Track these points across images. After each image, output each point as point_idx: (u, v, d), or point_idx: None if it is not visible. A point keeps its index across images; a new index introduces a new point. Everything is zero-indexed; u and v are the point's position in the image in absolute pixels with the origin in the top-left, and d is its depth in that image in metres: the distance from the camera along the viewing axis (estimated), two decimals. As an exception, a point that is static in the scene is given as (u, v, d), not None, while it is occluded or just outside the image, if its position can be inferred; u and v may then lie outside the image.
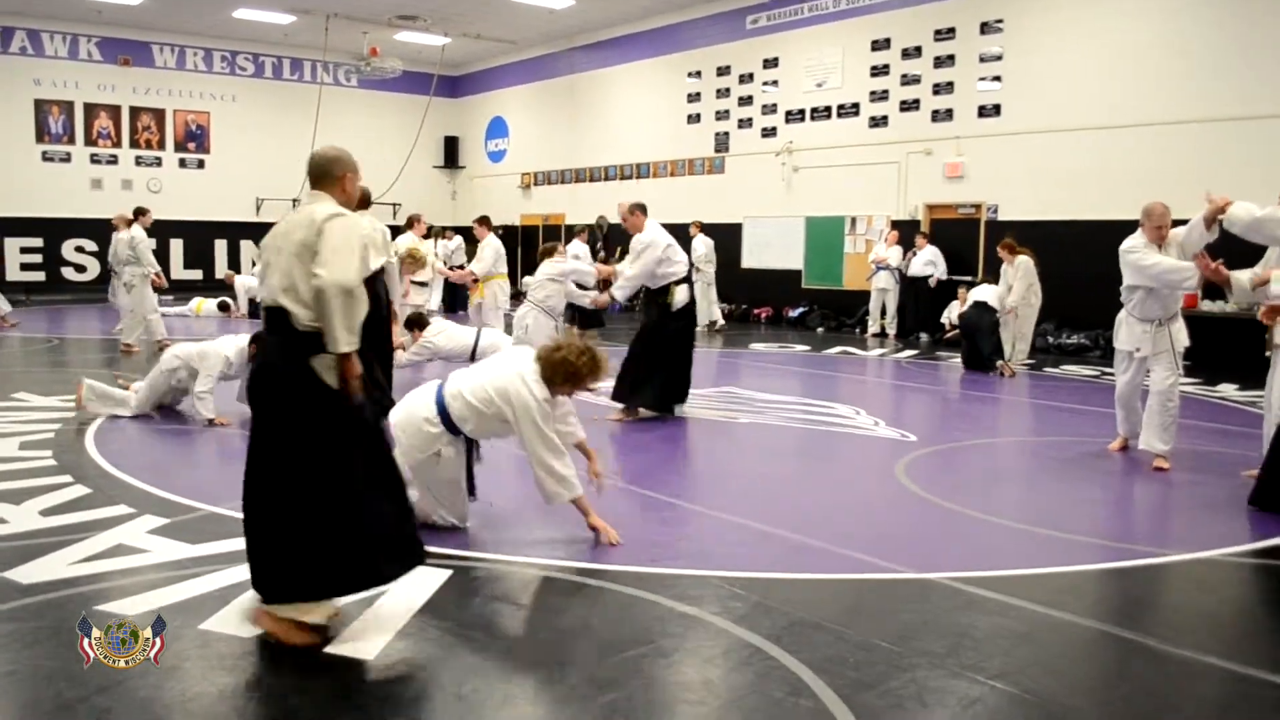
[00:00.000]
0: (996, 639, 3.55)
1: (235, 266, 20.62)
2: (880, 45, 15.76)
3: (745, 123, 18.03)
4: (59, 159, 20.96)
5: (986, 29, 14.37)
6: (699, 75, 18.84)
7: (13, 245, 20.48)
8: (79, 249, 20.84)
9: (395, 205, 21.82)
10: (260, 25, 20.70)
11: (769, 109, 17.60)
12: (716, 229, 17.73)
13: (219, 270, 21.34)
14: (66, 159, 20.99)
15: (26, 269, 20.61)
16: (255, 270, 19.64)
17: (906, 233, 15.15)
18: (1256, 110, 11.65)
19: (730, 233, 17.93)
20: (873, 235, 15.89)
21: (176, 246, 21.66)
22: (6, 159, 20.21)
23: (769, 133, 17.57)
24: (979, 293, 11.77)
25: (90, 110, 21.21)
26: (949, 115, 14.88)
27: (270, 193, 22.42)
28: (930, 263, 14.63)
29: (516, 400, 4.45)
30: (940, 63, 14.96)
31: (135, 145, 21.70)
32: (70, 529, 4.66)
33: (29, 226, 20.47)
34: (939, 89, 15.00)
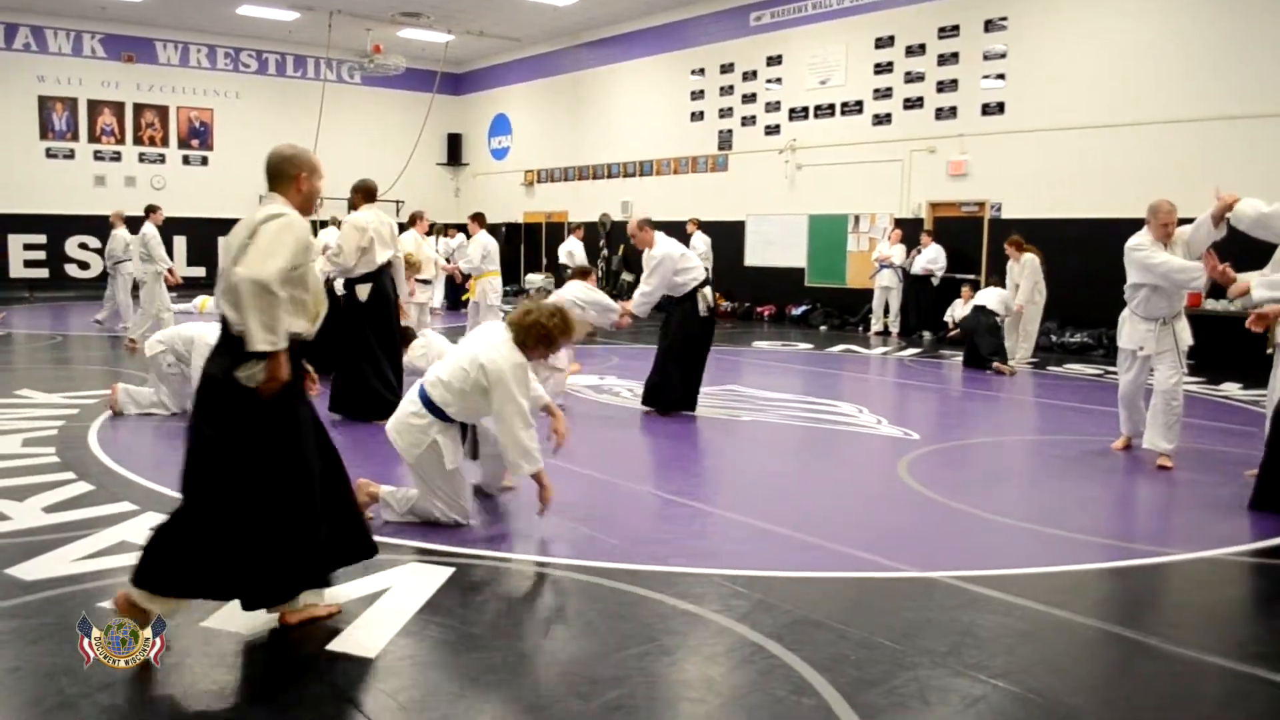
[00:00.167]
0: (999, 638, 3.55)
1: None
2: (884, 43, 15.73)
3: (748, 120, 18.01)
4: (63, 156, 20.98)
5: (990, 26, 14.35)
6: (702, 72, 18.82)
7: (16, 242, 20.51)
8: (82, 246, 20.87)
9: (398, 202, 21.81)
10: (264, 22, 20.70)
11: (772, 106, 17.58)
12: (719, 227, 17.74)
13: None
14: (70, 156, 21.01)
15: (30, 265, 20.65)
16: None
17: (910, 231, 15.14)
18: (1260, 108, 11.62)
19: (733, 230, 17.92)
20: (876, 233, 15.87)
21: (180, 243, 21.65)
22: (10, 155, 20.24)
23: (772, 130, 17.55)
24: (984, 296, 11.77)
25: (94, 107, 21.23)
26: (952, 113, 14.85)
27: (273, 190, 22.40)
28: (930, 261, 14.63)
29: (490, 366, 4.48)
30: (944, 60, 14.94)
31: (139, 142, 21.72)
32: (73, 526, 4.66)
33: (32, 223, 20.51)
34: (943, 87, 14.97)
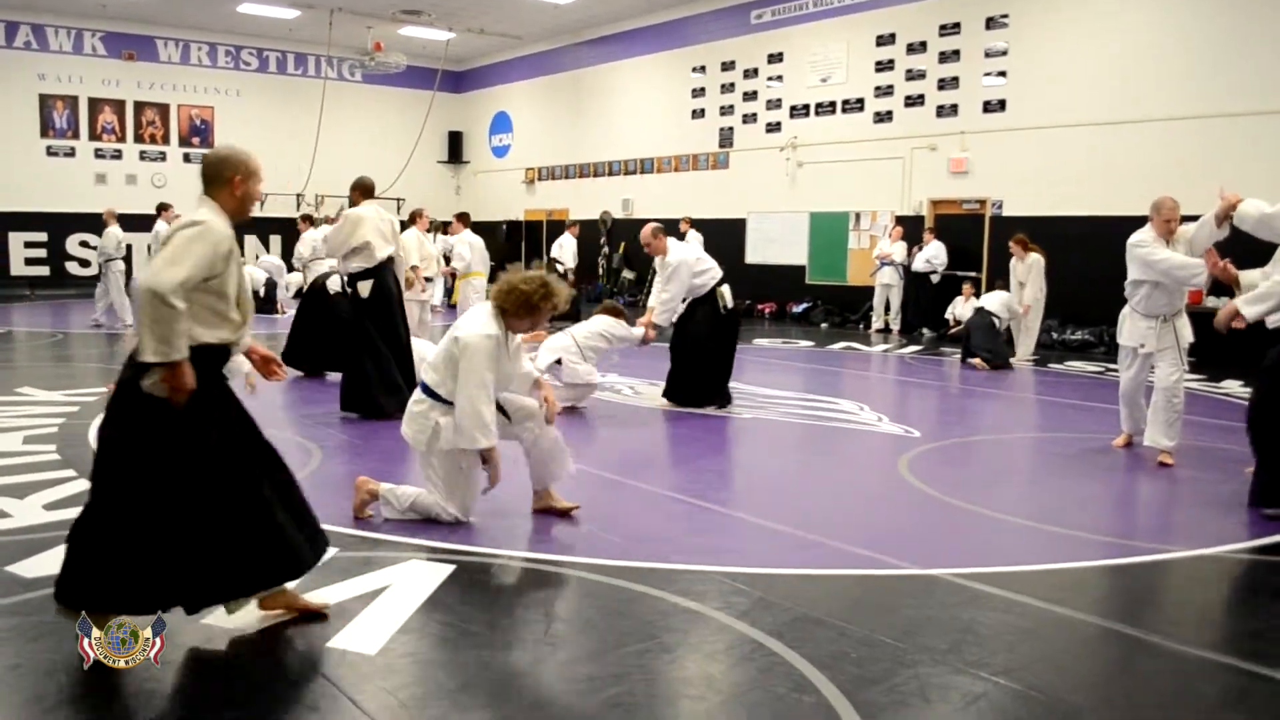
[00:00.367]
0: (1000, 635, 3.55)
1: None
2: (885, 40, 15.72)
3: (749, 118, 18.00)
4: (63, 154, 20.98)
5: (992, 24, 14.33)
6: (703, 70, 18.81)
7: (17, 240, 20.52)
8: (83, 244, 20.86)
9: (399, 200, 21.80)
10: (265, 20, 20.70)
11: (773, 104, 17.56)
12: (720, 224, 17.74)
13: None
14: (71, 154, 21.02)
15: (31, 264, 20.66)
16: (259, 261, 19.59)
17: (911, 228, 15.13)
18: (1262, 105, 11.61)
19: (734, 228, 17.91)
20: (877, 231, 15.87)
21: (181, 241, 21.68)
22: (11, 154, 20.24)
23: (773, 128, 17.54)
24: (988, 299, 11.80)
25: (94, 105, 21.23)
26: (954, 110, 14.84)
27: (274, 188, 22.30)
28: (930, 258, 14.62)
29: (462, 338, 4.54)
30: (945, 58, 14.92)
31: (140, 140, 21.72)
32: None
33: (33, 221, 20.51)
34: (944, 84, 14.96)
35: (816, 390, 9.41)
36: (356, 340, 7.61)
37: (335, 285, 9.44)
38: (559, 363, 7.82)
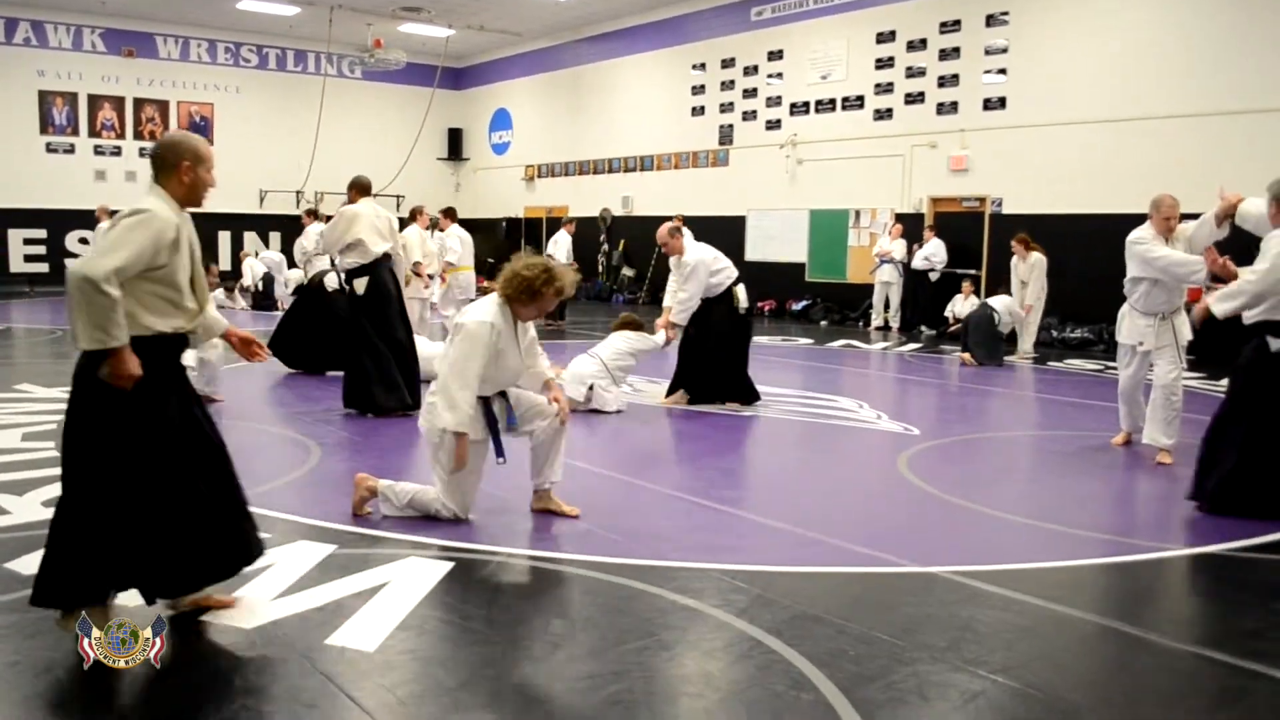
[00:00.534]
0: (998, 633, 3.55)
1: (239, 268, 20.48)
2: (885, 38, 15.70)
3: (749, 115, 17.99)
4: (63, 150, 20.97)
5: (992, 21, 14.32)
6: (703, 67, 18.80)
7: (16, 237, 20.51)
8: (83, 240, 20.81)
9: (399, 197, 21.80)
10: (264, 17, 20.68)
11: (773, 101, 17.56)
12: (720, 222, 17.73)
13: (223, 262, 21.31)
14: (70, 150, 21.00)
15: (30, 260, 20.64)
16: (260, 256, 19.50)
17: (911, 226, 15.13)
18: (1262, 104, 11.60)
19: (734, 225, 17.90)
20: (877, 228, 15.86)
21: (180, 238, 21.66)
22: (10, 150, 20.22)
23: (773, 125, 17.53)
24: (994, 301, 11.81)
25: (94, 102, 21.21)
26: (954, 108, 14.83)
27: (274, 185, 22.41)
28: (929, 256, 14.61)
29: (461, 321, 4.53)
30: (945, 55, 14.91)
31: (139, 137, 21.69)
32: (73, 520, 4.65)
33: (32, 218, 20.49)
34: (944, 82, 14.95)
35: (816, 388, 9.41)
36: (353, 338, 7.60)
37: (333, 282, 9.43)
38: (590, 389, 7.72)
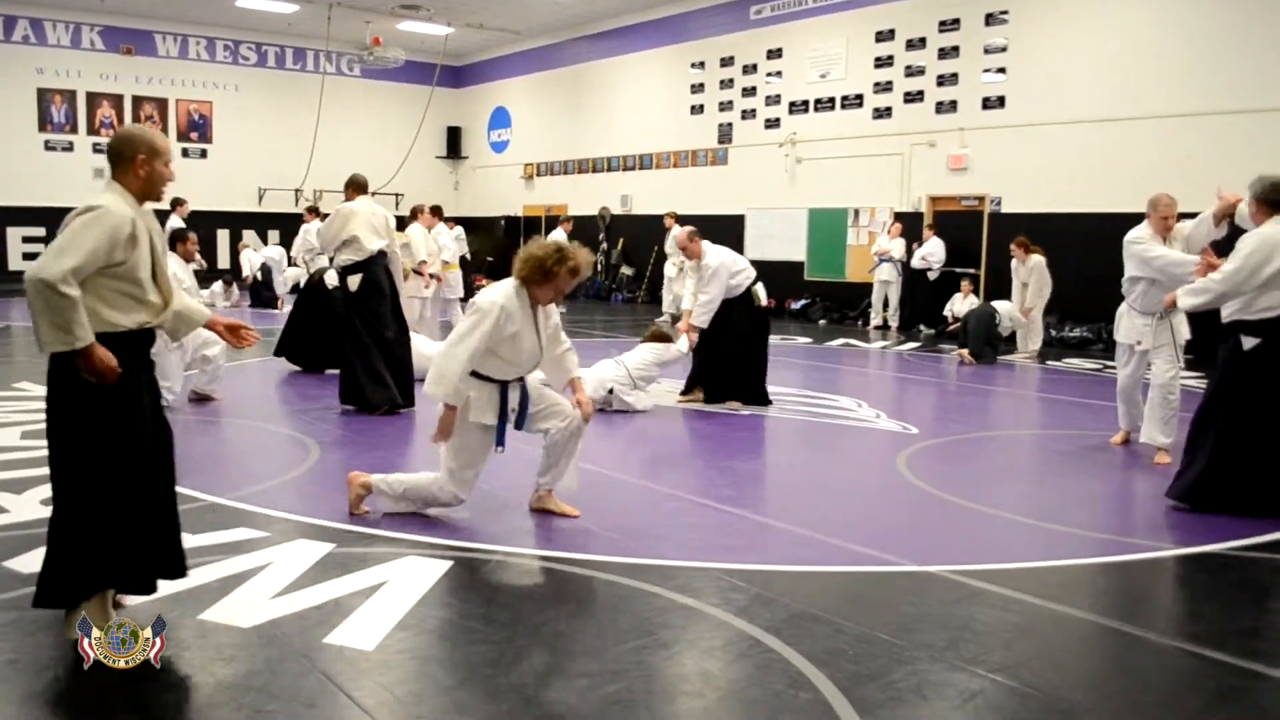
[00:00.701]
0: (997, 632, 3.55)
1: (237, 262, 20.46)
2: (884, 36, 15.70)
3: (748, 114, 17.98)
4: (61, 148, 20.94)
5: (991, 20, 14.32)
6: (702, 66, 18.79)
7: (15, 234, 20.48)
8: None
9: (398, 195, 21.80)
10: (263, 14, 20.66)
11: (772, 100, 17.55)
12: (718, 220, 17.71)
13: (222, 260, 21.28)
14: (69, 148, 20.97)
15: (29, 258, 20.59)
16: (261, 253, 19.33)
17: (910, 225, 15.13)
18: (1261, 103, 11.61)
19: (733, 224, 17.89)
20: (876, 227, 15.86)
21: (179, 236, 21.62)
22: (9, 148, 20.20)
23: (772, 124, 17.53)
24: (997, 304, 11.86)
25: (93, 99, 21.18)
26: (953, 107, 14.83)
27: (273, 183, 22.39)
28: (927, 255, 14.61)
29: (476, 301, 4.52)
30: (944, 54, 14.91)
31: (138, 135, 21.66)
32: (71, 518, 4.65)
33: (31, 216, 20.43)
34: (943, 80, 14.95)
35: (814, 387, 9.41)
36: (345, 335, 7.68)
37: (332, 280, 9.44)
38: (611, 392, 7.75)
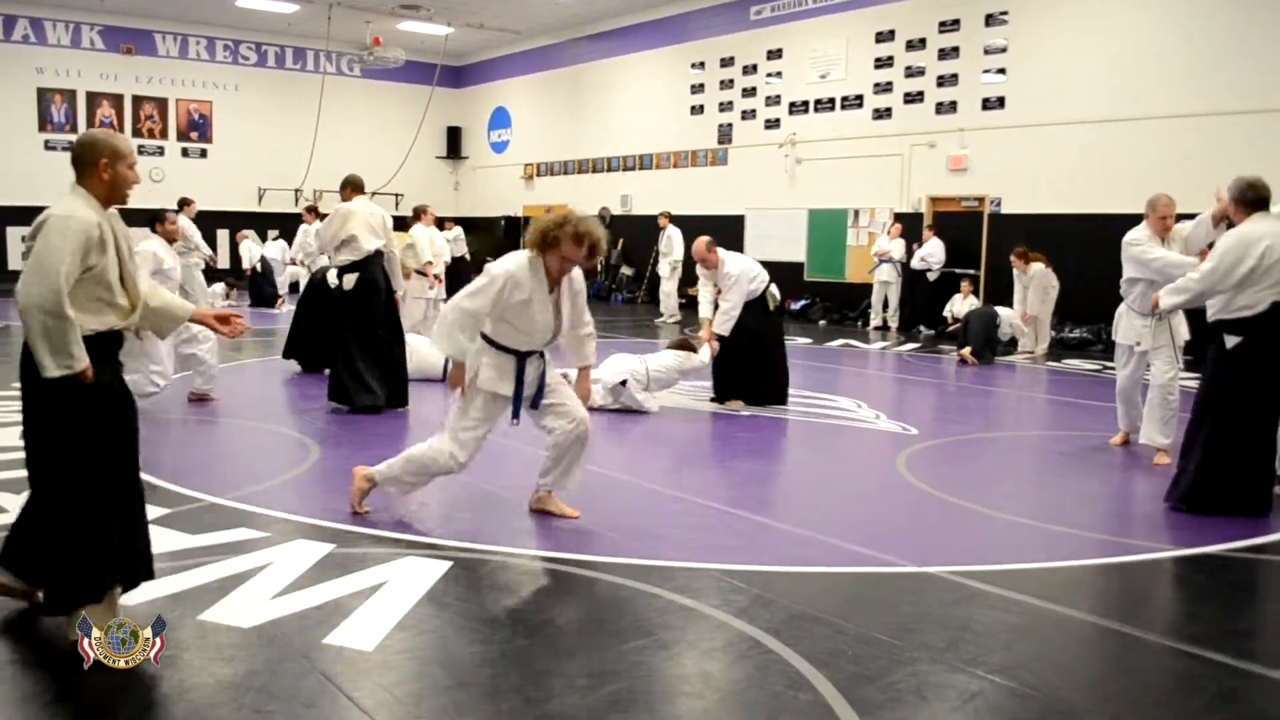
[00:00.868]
0: (996, 633, 3.55)
1: (237, 263, 20.43)
2: (884, 37, 15.70)
3: (748, 114, 17.98)
4: (61, 148, 20.88)
5: (991, 21, 14.32)
6: (702, 66, 18.80)
7: (15, 234, 20.45)
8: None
9: (398, 195, 21.80)
10: (263, 14, 20.65)
11: (772, 100, 17.55)
12: (718, 220, 17.72)
13: (222, 259, 21.26)
14: (69, 148, 20.89)
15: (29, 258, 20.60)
16: (263, 247, 19.24)
17: (910, 225, 15.13)
18: (1261, 104, 11.61)
19: (732, 224, 17.89)
20: (875, 228, 15.86)
21: (179, 236, 21.63)
22: (9, 148, 20.19)
23: (772, 124, 17.53)
24: (1001, 309, 11.87)
25: (93, 99, 21.17)
26: (953, 107, 14.83)
27: (273, 182, 22.39)
28: (926, 255, 14.61)
29: (489, 266, 4.56)
30: (944, 55, 14.91)
31: (138, 134, 21.63)
32: (71, 518, 4.65)
33: (31, 215, 19.50)
34: (943, 81, 14.94)
35: (814, 387, 9.41)
36: (336, 334, 7.72)
37: (332, 279, 9.45)
38: (624, 384, 7.76)
